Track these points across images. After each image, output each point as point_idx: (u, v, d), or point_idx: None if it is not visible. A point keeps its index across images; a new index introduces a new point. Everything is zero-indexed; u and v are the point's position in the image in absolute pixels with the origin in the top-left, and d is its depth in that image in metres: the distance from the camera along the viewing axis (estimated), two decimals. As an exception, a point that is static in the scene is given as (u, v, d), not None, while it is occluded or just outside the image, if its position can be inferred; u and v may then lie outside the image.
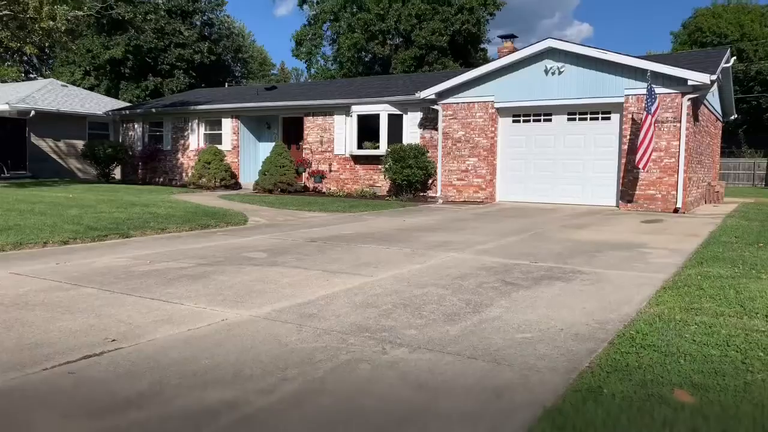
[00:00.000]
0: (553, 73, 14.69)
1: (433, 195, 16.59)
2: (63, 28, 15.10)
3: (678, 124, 13.36)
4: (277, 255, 6.89)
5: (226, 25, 46.50)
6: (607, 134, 14.49)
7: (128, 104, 29.90)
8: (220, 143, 20.77)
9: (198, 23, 43.69)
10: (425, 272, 5.94)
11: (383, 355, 3.40)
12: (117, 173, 23.52)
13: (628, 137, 13.82)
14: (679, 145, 13.34)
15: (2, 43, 16.92)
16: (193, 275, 5.64)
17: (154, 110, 22.85)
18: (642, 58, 14.34)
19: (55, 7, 14.70)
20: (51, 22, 14.59)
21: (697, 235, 9.22)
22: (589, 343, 3.66)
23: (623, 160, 13.94)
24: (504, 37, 17.59)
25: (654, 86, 12.98)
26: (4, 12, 14.93)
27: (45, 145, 23.61)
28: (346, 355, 3.38)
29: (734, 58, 17.05)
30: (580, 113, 14.83)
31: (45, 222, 8.91)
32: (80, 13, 16.29)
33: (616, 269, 6.23)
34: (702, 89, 13.25)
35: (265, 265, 6.23)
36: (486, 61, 33.47)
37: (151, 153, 22.50)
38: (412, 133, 17.43)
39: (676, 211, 13.27)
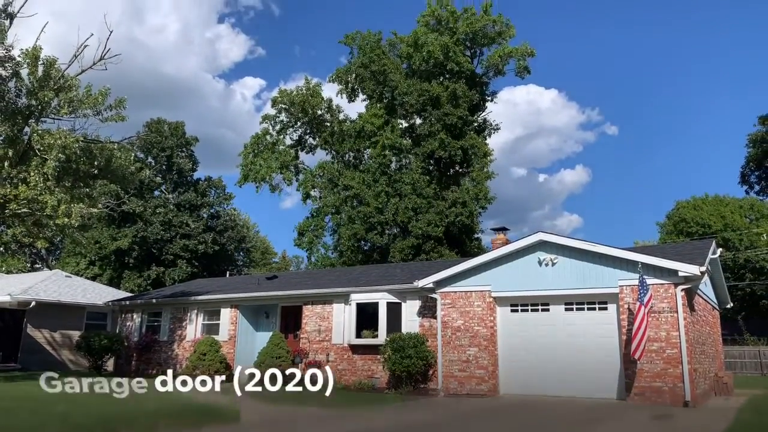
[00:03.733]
0: (546, 264, 15.06)
1: (434, 387, 16.04)
2: (77, 224, 15.86)
3: (675, 314, 13.35)
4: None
5: (231, 217, 48.62)
6: (606, 324, 14.40)
7: (128, 294, 30.18)
8: (218, 333, 20.60)
9: (205, 216, 45.72)
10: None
11: None
12: (110, 365, 22.94)
13: (626, 328, 13.74)
14: (680, 336, 13.20)
15: (16, 238, 17.62)
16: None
17: (154, 300, 23.00)
18: (632, 250, 14.83)
19: (72, 205, 15.59)
20: (66, 219, 15.36)
21: (712, 433, 8.81)
22: None
23: (624, 351, 13.71)
24: (496, 229, 18.40)
25: (646, 277, 13.25)
26: (23, 210, 15.82)
27: (40, 335, 23.37)
28: None
29: (720, 249, 17.63)
30: (577, 303, 14.90)
31: (31, 423, 8.55)
32: (95, 210, 17.25)
33: (631, 476, 5.87)
34: (693, 280, 13.50)
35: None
36: (480, 249, 34.64)
37: (147, 344, 22.18)
38: (411, 321, 17.35)
39: (685, 404, 12.73)
